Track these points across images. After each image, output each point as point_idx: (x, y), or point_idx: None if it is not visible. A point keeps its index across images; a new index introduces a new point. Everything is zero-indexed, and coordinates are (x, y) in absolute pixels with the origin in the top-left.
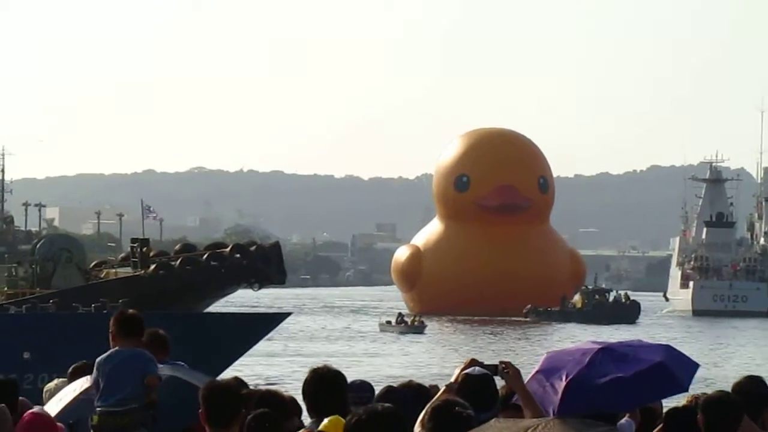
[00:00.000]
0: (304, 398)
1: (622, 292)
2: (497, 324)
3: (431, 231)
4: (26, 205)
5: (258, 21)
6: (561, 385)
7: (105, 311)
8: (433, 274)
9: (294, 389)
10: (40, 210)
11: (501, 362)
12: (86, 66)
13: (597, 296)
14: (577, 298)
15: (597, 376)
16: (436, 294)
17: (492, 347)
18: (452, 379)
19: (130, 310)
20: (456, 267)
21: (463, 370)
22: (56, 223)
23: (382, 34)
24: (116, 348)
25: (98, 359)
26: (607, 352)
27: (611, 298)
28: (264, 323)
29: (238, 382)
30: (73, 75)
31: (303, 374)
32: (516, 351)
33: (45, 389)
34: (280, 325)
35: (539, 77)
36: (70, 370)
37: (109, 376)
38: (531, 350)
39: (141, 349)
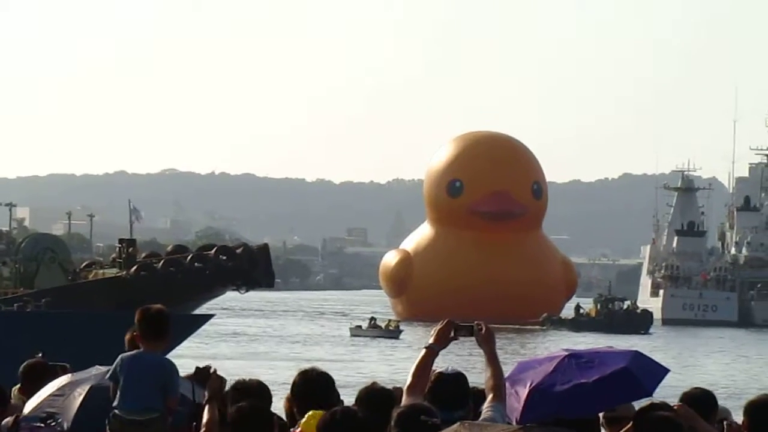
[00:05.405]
0: (294, 399)
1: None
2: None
3: (421, 235)
4: None
5: (230, 22)
6: (524, 392)
7: (41, 310)
8: (423, 279)
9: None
10: (10, 209)
11: (476, 323)
12: (58, 65)
13: (610, 305)
14: (590, 306)
15: (560, 383)
16: (426, 300)
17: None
18: (431, 340)
19: (156, 306)
20: (447, 272)
21: (440, 331)
22: (26, 223)
23: (361, 34)
24: (141, 350)
25: (123, 356)
26: (573, 358)
27: (624, 308)
28: (183, 326)
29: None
30: (44, 73)
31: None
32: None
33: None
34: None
35: (511, 83)
36: (23, 369)
37: (132, 379)
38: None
39: (166, 359)
